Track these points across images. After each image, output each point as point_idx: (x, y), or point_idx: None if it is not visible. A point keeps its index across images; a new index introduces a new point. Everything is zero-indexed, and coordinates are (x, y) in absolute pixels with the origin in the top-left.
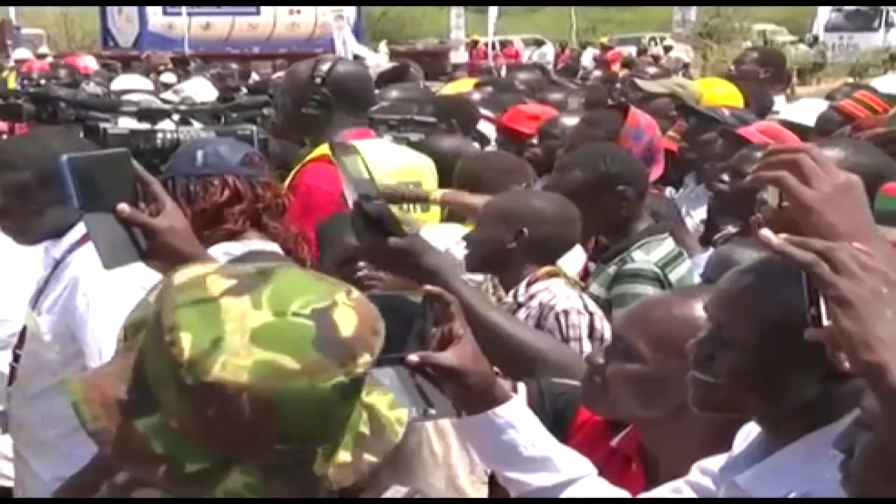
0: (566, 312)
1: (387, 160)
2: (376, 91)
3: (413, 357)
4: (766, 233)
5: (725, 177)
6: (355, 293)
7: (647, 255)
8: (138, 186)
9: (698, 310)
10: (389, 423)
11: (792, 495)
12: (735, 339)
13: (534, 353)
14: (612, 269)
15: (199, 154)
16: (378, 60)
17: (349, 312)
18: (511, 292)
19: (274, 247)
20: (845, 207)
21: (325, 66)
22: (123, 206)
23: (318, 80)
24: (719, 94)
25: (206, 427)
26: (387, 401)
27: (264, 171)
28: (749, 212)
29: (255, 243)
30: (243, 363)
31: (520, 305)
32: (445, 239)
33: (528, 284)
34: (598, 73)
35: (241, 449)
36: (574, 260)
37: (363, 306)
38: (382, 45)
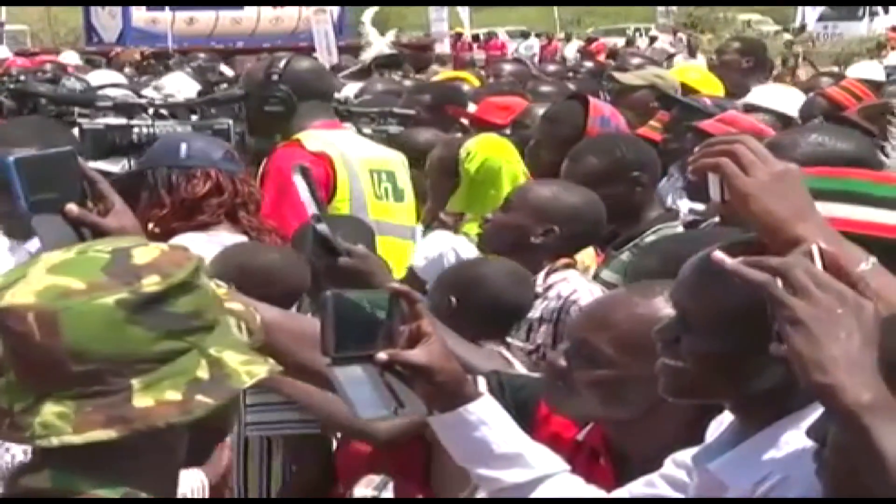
0: None
1: (357, 151)
2: (355, 83)
3: (382, 355)
4: (719, 255)
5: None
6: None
7: None
8: (86, 185)
9: (661, 307)
10: (236, 373)
11: (766, 484)
12: (697, 323)
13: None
14: (625, 255)
15: (184, 146)
16: (381, 47)
17: (152, 251)
18: None
19: (242, 238)
20: (783, 193)
21: (280, 64)
22: (72, 207)
23: (275, 78)
24: (693, 80)
25: (14, 360)
26: (241, 359)
27: (242, 168)
28: None
29: (222, 234)
30: (33, 289)
31: (537, 296)
32: (438, 246)
33: (547, 274)
34: (589, 64)
35: (43, 375)
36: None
37: (176, 250)
38: (390, 34)
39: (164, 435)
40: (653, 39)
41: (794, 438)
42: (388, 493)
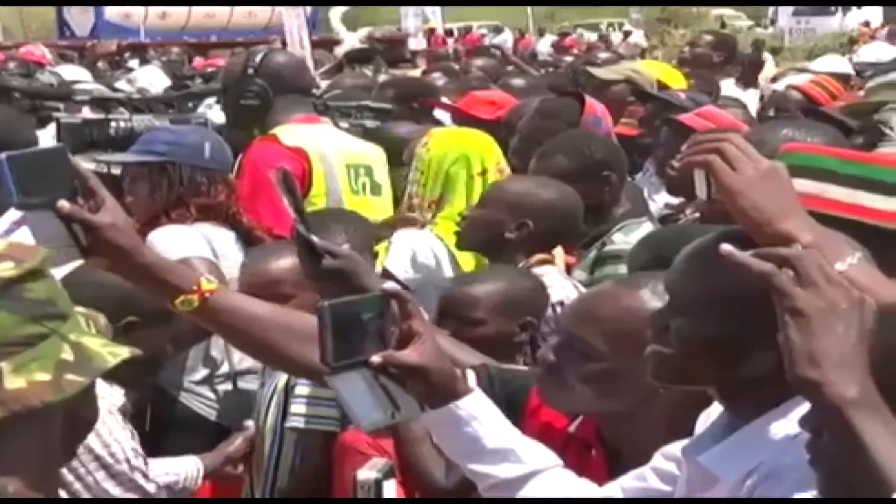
0: (561, 304)
1: (334, 145)
2: (330, 80)
3: (376, 358)
4: (726, 247)
5: (675, 163)
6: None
7: (626, 237)
8: (77, 182)
9: (647, 299)
10: (99, 354)
11: (756, 475)
12: (686, 308)
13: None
14: (592, 253)
15: (207, 147)
16: (352, 42)
17: None
18: None
19: (223, 231)
20: (771, 190)
21: (257, 58)
22: (64, 203)
23: (251, 72)
24: (660, 74)
25: None
26: (100, 343)
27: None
28: None
29: (203, 227)
30: None
31: None
32: (414, 245)
33: None
34: (568, 58)
35: None
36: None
37: (21, 245)
38: (363, 31)
39: (36, 420)
40: (626, 34)
41: (783, 429)
42: (392, 479)
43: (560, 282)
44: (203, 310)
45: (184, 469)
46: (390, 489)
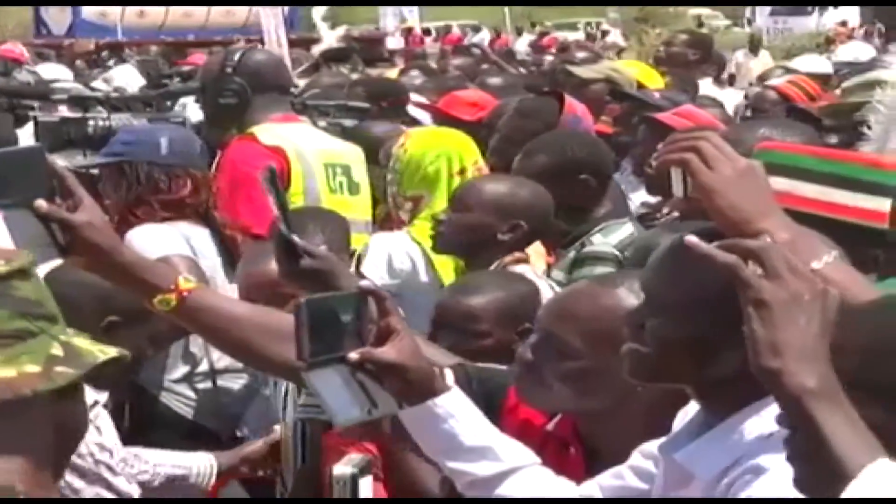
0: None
1: (312, 144)
2: (308, 79)
3: (353, 354)
4: (691, 238)
5: (653, 161)
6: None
7: (605, 238)
8: (54, 181)
9: (624, 297)
10: (89, 352)
11: (732, 473)
12: (662, 308)
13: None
14: (571, 253)
15: (164, 142)
16: (330, 41)
17: None
18: None
19: (200, 229)
20: (747, 189)
21: (235, 56)
22: (41, 203)
23: (229, 70)
24: (636, 74)
25: None
26: (90, 342)
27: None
28: None
29: (181, 225)
30: None
31: None
32: (390, 249)
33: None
34: (548, 58)
35: None
36: None
37: (9, 249)
38: (341, 29)
39: (23, 417)
40: (604, 34)
41: (757, 426)
42: (369, 475)
43: (537, 282)
44: (181, 309)
45: (196, 464)
46: (366, 485)
